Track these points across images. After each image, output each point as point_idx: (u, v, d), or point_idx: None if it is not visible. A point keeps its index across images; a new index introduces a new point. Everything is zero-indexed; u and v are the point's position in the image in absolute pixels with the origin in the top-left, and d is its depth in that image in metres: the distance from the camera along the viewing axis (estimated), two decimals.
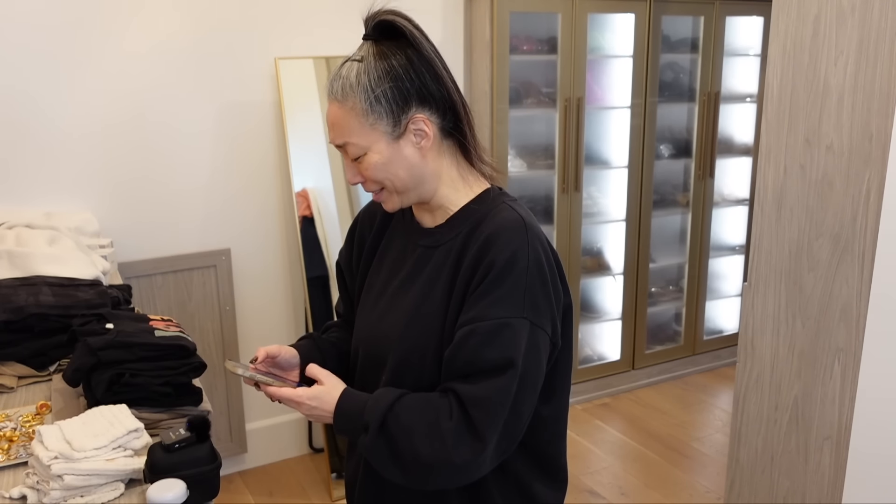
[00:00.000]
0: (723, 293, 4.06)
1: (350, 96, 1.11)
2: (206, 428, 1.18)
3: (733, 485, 2.28)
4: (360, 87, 1.10)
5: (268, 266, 2.92)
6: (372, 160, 1.13)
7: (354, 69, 1.12)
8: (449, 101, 1.14)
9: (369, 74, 1.11)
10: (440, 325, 1.13)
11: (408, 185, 1.16)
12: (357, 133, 1.12)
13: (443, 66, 1.14)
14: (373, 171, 1.14)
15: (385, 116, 1.11)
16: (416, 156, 1.14)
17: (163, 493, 1.06)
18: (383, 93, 1.10)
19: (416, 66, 1.12)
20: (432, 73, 1.13)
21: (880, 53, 1.72)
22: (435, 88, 1.13)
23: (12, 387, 1.62)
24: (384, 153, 1.13)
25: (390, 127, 1.12)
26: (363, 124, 1.11)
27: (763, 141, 2.03)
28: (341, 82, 1.12)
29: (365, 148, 1.13)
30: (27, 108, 2.41)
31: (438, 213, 1.21)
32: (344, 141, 1.14)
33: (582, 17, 3.19)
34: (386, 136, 1.12)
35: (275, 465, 3.07)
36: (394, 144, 1.13)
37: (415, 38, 1.12)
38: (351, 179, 1.18)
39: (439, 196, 1.19)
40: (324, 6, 2.82)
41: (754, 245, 2.10)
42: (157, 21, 2.56)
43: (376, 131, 1.12)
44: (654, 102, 3.48)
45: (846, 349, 1.88)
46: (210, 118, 2.71)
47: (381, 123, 1.12)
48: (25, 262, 1.86)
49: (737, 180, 3.97)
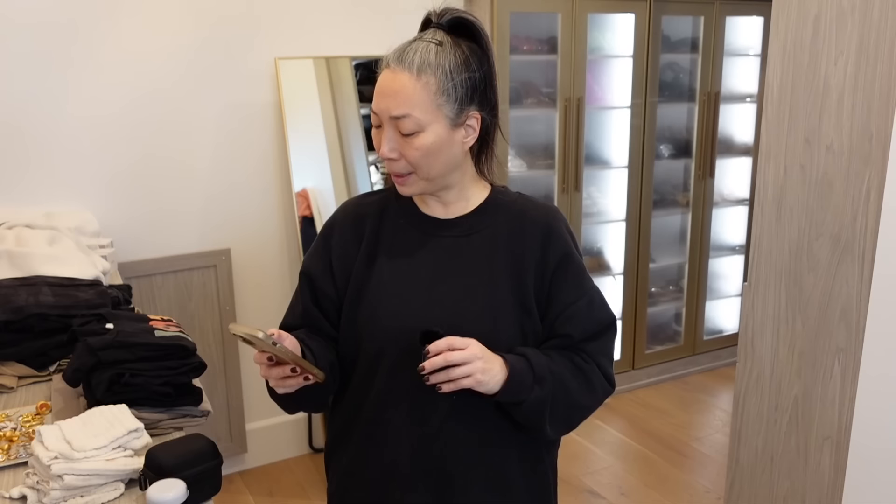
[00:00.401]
0: (723, 293, 4.06)
1: (426, 71, 1.12)
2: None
3: (733, 485, 2.28)
4: (439, 68, 1.13)
5: (268, 266, 2.92)
6: (426, 140, 1.14)
7: (433, 49, 1.14)
8: (495, 110, 1.22)
9: (449, 59, 1.14)
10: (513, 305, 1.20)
11: (441, 174, 1.19)
12: (422, 108, 1.13)
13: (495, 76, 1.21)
14: (422, 151, 1.15)
15: (452, 103, 1.14)
16: (460, 149, 1.19)
17: (163, 493, 1.06)
18: (460, 81, 1.14)
19: (485, 70, 1.18)
20: (492, 80, 1.19)
21: (880, 53, 1.72)
22: (490, 95, 1.20)
23: (12, 387, 1.63)
24: (440, 136, 1.15)
25: (453, 114, 1.15)
26: (431, 102, 1.13)
27: (763, 141, 2.03)
28: (419, 56, 1.13)
29: (424, 125, 1.13)
30: (27, 109, 2.41)
31: (457, 205, 1.25)
32: (405, 112, 1.13)
33: (582, 17, 3.19)
34: (446, 121, 1.15)
35: (275, 465, 3.07)
36: (449, 131, 1.16)
37: (487, 44, 1.18)
38: (387, 153, 1.16)
39: (460, 189, 1.24)
40: (324, 6, 2.82)
41: (754, 245, 2.10)
42: (157, 21, 2.56)
43: (440, 113, 1.14)
44: (654, 102, 3.48)
45: (846, 349, 1.88)
46: (210, 118, 2.71)
47: (446, 107, 1.14)
48: (25, 262, 1.86)
49: (737, 180, 3.97)
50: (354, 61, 2.87)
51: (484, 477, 1.22)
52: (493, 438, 1.22)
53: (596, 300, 1.25)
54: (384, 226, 1.27)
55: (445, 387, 1.09)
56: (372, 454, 1.25)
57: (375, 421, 1.23)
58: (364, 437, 1.25)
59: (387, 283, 1.23)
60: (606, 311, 1.27)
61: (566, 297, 1.22)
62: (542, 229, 1.23)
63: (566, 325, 1.22)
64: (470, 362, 1.08)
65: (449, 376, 1.08)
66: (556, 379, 1.18)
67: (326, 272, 1.28)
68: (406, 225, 1.26)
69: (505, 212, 1.25)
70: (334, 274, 1.27)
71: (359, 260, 1.25)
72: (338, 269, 1.27)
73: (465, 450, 1.21)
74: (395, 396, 1.20)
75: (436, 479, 1.21)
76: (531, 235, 1.23)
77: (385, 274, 1.24)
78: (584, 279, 1.25)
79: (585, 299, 1.24)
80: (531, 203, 1.28)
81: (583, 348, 1.23)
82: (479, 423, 1.21)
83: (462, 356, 1.08)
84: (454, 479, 1.21)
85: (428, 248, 1.23)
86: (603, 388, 1.25)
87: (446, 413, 1.18)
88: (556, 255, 1.22)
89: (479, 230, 1.23)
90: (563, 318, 1.22)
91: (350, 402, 1.27)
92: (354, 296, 1.24)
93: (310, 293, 1.29)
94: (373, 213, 1.28)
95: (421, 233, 1.25)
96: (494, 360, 1.13)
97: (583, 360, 1.23)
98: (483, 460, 1.22)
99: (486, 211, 1.25)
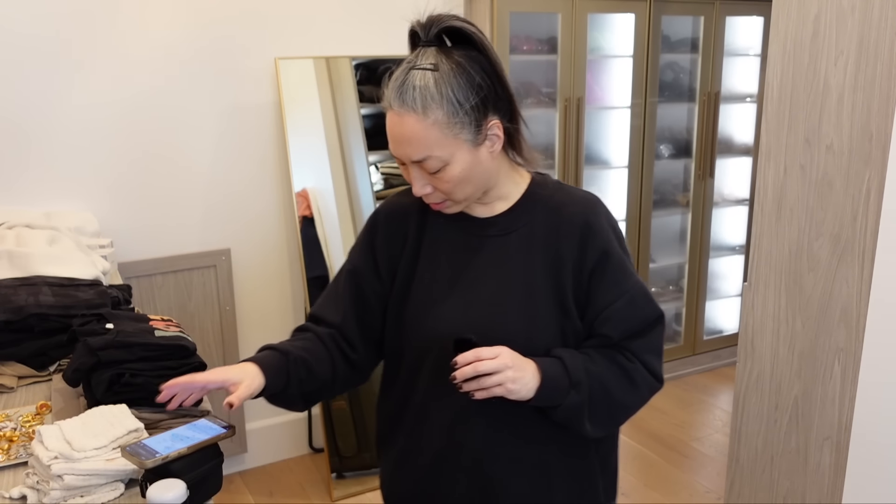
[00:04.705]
0: (723, 293, 4.06)
1: (432, 108, 1.08)
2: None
3: (733, 485, 2.28)
4: (443, 98, 1.08)
5: (268, 266, 2.92)
6: (453, 171, 1.12)
7: (431, 79, 1.08)
8: (512, 102, 1.16)
9: (451, 84, 1.08)
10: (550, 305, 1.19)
11: (477, 190, 1.17)
12: (440, 146, 1.10)
13: (503, 69, 1.15)
14: (453, 183, 1.13)
15: (468, 126, 1.10)
16: (489, 160, 1.16)
17: (163, 493, 1.06)
18: (468, 101, 1.09)
19: (489, 73, 1.12)
20: (499, 78, 1.13)
21: (880, 53, 1.72)
22: (502, 92, 1.14)
23: (12, 387, 1.62)
24: (466, 162, 1.12)
25: (472, 135, 1.11)
26: (447, 136, 1.09)
27: (763, 141, 2.03)
28: (419, 93, 1.08)
29: (447, 160, 1.11)
30: (27, 109, 2.41)
31: (496, 204, 1.23)
32: (424, 155, 1.10)
33: (582, 17, 3.19)
34: (468, 145, 1.11)
35: (275, 465, 3.07)
36: (474, 152, 1.13)
37: (483, 44, 1.12)
38: (420, 191, 1.15)
39: (497, 189, 1.22)
40: (324, 6, 2.82)
41: (754, 245, 2.10)
42: (157, 21, 2.56)
43: (459, 141, 1.10)
44: (654, 102, 3.48)
45: (846, 349, 1.88)
46: (210, 118, 2.71)
47: (464, 133, 1.10)
48: (25, 262, 1.86)
49: (737, 180, 3.97)
50: (354, 61, 2.87)
51: (525, 472, 1.23)
52: (534, 434, 1.23)
53: (638, 297, 1.21)
54: (427, 224, 1.27)
55: (478, 394, 1.10)
56: (417, 447, 1.28)
57: (420, 415, 1.26)
58: (411, 429, 1.28)
59: (428, 283, 1.24)
60: (650, 307, 1.23)
61: (604, 299, 1.20)
62: (580, 227, 1.19)
63: (604, 327, 1.20)
64: (500, 371, 1.08)
65: (480, 385, 1.09)
66: (595, 380, 1.17)
67: (373, 269, 1.29)
68: (446, 224, 1.25)
69: (543, 207, 1.22)
70: (380, 271, 1.28)
71: (403, 259, 1.26)
72: (384, 266, 1.28)
73: (506, 447, 1.22)
74: (437, 393, 1.22)
75: (478, 474, 1.23)
76: (568, 234, 1.20)
77: (427, 273, 1.24)
78: (624, 276, 1.21)
79: (625, 298, 1.20)
80: (568, 196, 1.23)
81: (626, 346, 1.21)
82: (520, 420, 1.21)
83: (492, 366, 1.08)
84: (495, 474, 1.23)
85: (467, 248, 1.23)
86: (648, 385, 1.23)
87: (487, 410, 1.18)
88: (594, 255, 1.19)
89: (517, 228, 1.21)
90: (601, 319, 1.20)
91: (399, 394, 1.30)
92: (400, 294, 1.26)
93: (354, 289, 1.29)
94: (415, 211, 1.27)
95: (461, 231, 1.24)
96: (526, 368, 1.12)
97: (626, 359, 1.21)
98: (524, 456, 1.23)
99: (523, 207, 1.22)
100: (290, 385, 1.21)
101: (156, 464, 1.09)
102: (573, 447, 1.25)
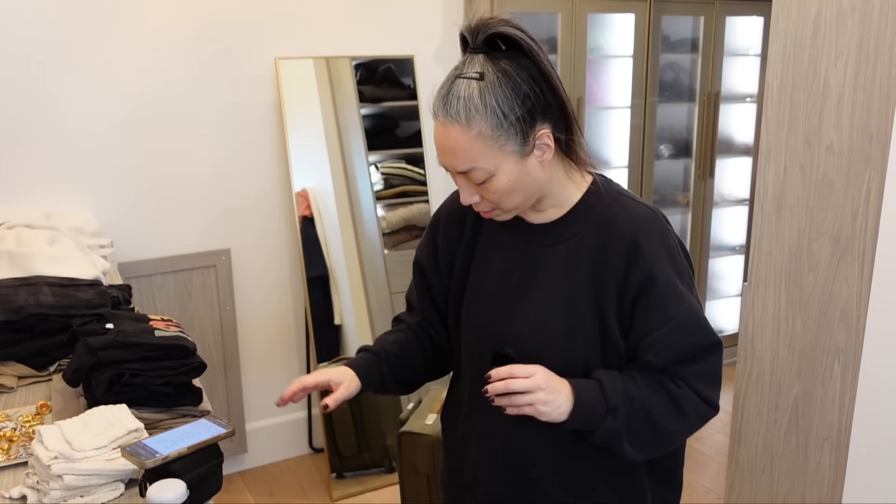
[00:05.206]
0: (723, 293, 4.06)
1: (476, 119, 1.05)
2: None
3: (733, 485, 2.28)
4: (487, 109, 1.05)
5: (268, 266, 2.92)
6: (500, 183, 1.09)
7: (476, 88, 1.05)
8: (564, 109, 1.11)
9: (496, 94, 1.05)
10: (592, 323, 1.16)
11: (526, 200, 1.15)
12: (485, 157, 1.07)
13: (557, 75, 1.10)
14: (500, 193, 1.11)
15: (514, 137, 1.07)
16: (539, 169, 1.12)
17: (163, 493, 1.06)
18: (514, 113, 1.05)
19: (538, 81, 1.07)
20: (551, 85, 1.08)
21: (880, 53, 1.72)
22: (553, 99, 1.09)
23: (12, 387, 1.63)
24: (513, 173, 1.09)
25: (519, 146, 1.08)
26: (492, 147, 1.06)
27: (763, 141, 2.03)
28: (463, 104, 1.05)
29: (493, 171, 1.08)
30: (27, 108, 2.41)
31: (550, 211, 1.20)
32: (470, 167, 1.08)
33: (582, 17, 3.19)
34: (514, 156, 1.08)
35: (275, 465, 3.07)
36: (521, 163, 1.09)
37: (532, 50, 1.07)
38: (467, 200, 1.14)
39: (551, 196, 1.18)
40: (324, 6, 2.82)
41: (754, 245, 2.10)
42: (157, 21, 2.56)
43: (504, 152, 1.07)
44: (654, 102, 3.48)
45: (846, 349, 1.88)
46: (210, 118, 2.71)
47: (510, 144, 1.07)
48: (25, 262, 1.86)
49: (737, 180, 3.97)
50: (354, 61, 2.87)
51: (563, 483, 1.23)
52: (572, 448, 1.21)
53: (689, 323, 1.15)
54: (482, 224, 1.27)
55: (509, 410, 1.10)
56: (466, 444, 1.31)
57: (468, 413, 1.30)
58: (464, 424, 1.31)
59: (478, 286, 1.25)
60: (702, 333, 1.17)
61: (647, 324, 1.15)
62: (626, 246, 1.14)
63: (647, 352, 1.16)
64: (531, 392, 1.08)
65: (511, 402, 1.09)
66: (637, 406, 1.13)
67: (434, 264, 1.32)
68: (500, 226, 1.23)
69: (595, 219, 1.17)
70: (440, 266, 1.32)
71: (459, 257, 1.28)
72: (443, 262, 1.31)
73: (544, 456, 1.22)
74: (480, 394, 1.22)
75: (516, 481, 1.25)
76: (615, 252, 1.15)
77: (480, 274, 1.26)
78: (672, 302, 1.14)
79: (671, 325, 1.14)
80: (623, 209, 1.17)
81: (676, 372, 1.17)
82: (558, 434, 1.18)
83: (524, 385, 1.07)
84: (531, 481, 1.24)
85: (517, 254, 1.22)
86: (699, 412, 1.18)
87: (525, 420, 1.15)
88: (638, 278, 1.13)
89: (566, 239, 1.18)
90: (644, 344, 1.16)
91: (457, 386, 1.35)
92: (457, 291, 1.29)
93: (421, 282, 1.35)
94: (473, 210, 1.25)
95: (513, 236, 1.23)
96: (561, 391, 1.10)
97: (675, 385, 1.16)
98: (562, 467, 1.23)
99: (576, 216, 1.18)
100: (385, 381, 1.30)
101: (156, 464, 1.09)
102: (618, 462, 1.22)
